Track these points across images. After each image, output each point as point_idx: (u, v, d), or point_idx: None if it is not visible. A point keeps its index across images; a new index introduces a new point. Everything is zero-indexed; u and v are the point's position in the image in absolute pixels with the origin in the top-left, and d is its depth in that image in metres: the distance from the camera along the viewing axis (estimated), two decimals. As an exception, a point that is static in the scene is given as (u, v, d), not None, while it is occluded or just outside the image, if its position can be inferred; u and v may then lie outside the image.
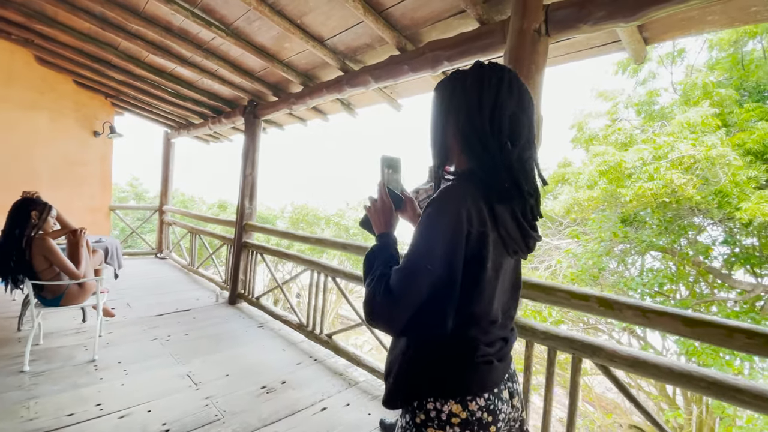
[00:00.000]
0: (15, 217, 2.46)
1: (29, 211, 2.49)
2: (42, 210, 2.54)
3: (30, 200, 2.55)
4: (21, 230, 2.45)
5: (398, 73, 2.45)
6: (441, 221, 0.74)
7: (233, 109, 4.59)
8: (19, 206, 2.50)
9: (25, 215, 2.48)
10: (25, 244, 2.43)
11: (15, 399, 2.13)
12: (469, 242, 0.75)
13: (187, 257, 5.80)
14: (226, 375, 2.56)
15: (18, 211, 2.48)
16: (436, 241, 0.74)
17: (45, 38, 3.91)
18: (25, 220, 2.47)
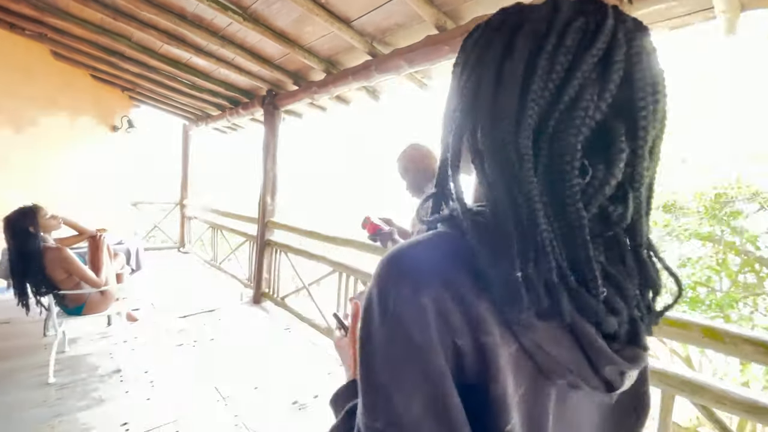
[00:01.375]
0: (15, 238, 2.30)
1: (24, 227, 2.30)
2: (33, 217, 2.35)
3: (14, 218, 2.33)
4: (28, 248, 2.31)
5: (436, 54, 2.17)
6: (391, 332, 0.35)
7: (251, 100, 4.37)
8: (10, 227, 2.30)
9: (23, 231, 2.30)
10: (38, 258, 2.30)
11: (39, 417, 2.03)
12: (461, 368, 0.35)
13: (210, 252, 5.73)
14: (255, 387, 2.42)
15: (12, 232, 2.30)
16: (392, 383, 0.35)
17: (59, 32, 3.75)
18: (25, 236, 2.30)
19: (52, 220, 2.43)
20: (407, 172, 1.82)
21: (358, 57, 2.84)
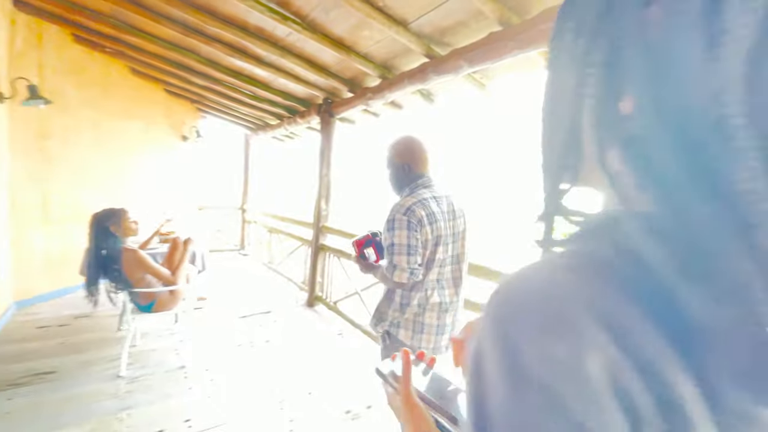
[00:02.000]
0: (96, 235, 2.51)
1: (106, 226, 2.52)
2: (117, 220, 2.56)
3: (101, 215, 2.56)
4: (108, 245, 2.51)
5: (499, 52, 2.04)
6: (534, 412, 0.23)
7: (308, 108, 4.49)
8: (95, 224, 2.53)
9: (105, 231, 2.51)
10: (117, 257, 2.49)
11: (110, 409, 2.17)
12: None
13: (267, 255, 5.96)
14: (308, 393, 2.42)
15: (96, 229, 2.51)
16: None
17: (135, 49, 4.11)
18: (106, 235, 2.51)
19: (132, 225, 2.63)
20: (390, 165, 1.61)
21: (414, 60, 2.78)
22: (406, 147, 1.57)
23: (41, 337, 3.05)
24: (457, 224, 1.52)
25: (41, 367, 2.58)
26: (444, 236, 1.46)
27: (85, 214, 4.32)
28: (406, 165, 1.55)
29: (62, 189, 4.17)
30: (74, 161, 4.28)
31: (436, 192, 1.51)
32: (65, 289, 4.17)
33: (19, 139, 3.68)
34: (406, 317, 1.46)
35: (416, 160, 1.55)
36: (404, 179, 1.56)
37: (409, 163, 1.55)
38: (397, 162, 1.57)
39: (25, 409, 2.13)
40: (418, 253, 1.38)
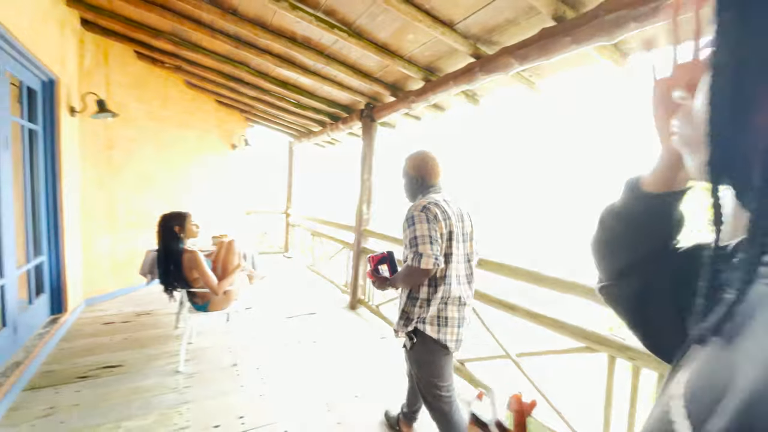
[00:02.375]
0: (163, 235, 2.69)
1: (171, 226, 2.70)
2: (182, 222, 2.73)
3: (168, 216, 2.75)
4: (171, 245, 2.68)
5: (554, 48, 1.96)
6: None
7: (350, 114, 4.56)
8: (162, 224, 2.71)
9: (170, 231, 2.69)
10: (177, 257, 2.64)
11: (170, 403, 2.29)
12: None
13: (310, 258, 6.09)
14: (355, 396, 2.43)
15: (162, 228, 2.70)
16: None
17: (191, 63, 4.38)
18: (170, 235, 2.69)
19: (194, 227, 2.80)
20: (405, 176, 1.82)
21: (459, 61, 2.75)
22: (421, 161, 1.77)
23: (108, 333, 3.28)
24: (465, 225, 1.69)
25: (109, 361, 2.78)
26: (456, 233, 1.61)
27: (146, 218, 4.66)
28: (419, 177, 1.75)
29: (126, 196, 4.51)
30: (136, 169, 4.62)
31: (447, 197, 1.70)
32: (128, 288, 4.49)
33: (88, 149, 4.02)
34: (431, 314, 1.59)
35: (429, 172, 1.75)
36: (417, 189, 1.76)
37: (422, 176, 1.75)
38: (412, 174, 1.77)
39: (96, 399, 2.29)
40: (438, 243, 1.53)
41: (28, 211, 2.96)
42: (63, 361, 2.75)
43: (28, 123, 2.91)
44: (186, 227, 2.71)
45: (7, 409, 2.15)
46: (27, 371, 2.47)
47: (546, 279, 1.99)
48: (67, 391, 2.37)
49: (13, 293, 2.58)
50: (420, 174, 1.75)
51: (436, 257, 1.50)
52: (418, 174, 1.76)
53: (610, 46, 2.03)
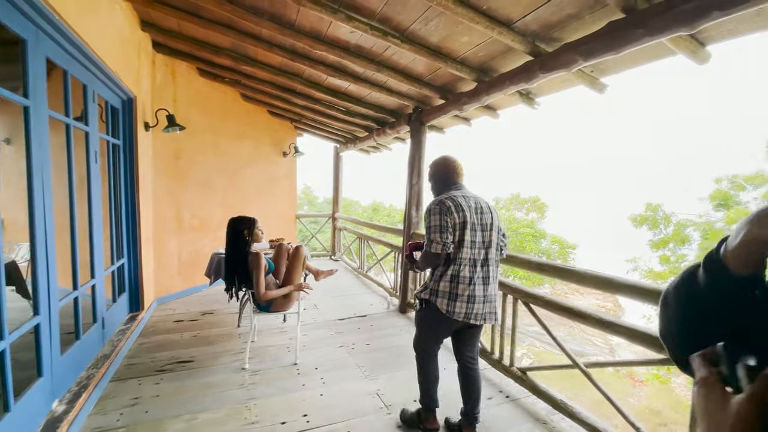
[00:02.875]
0: (231, 236, 2.87)
1: (241, 230, 2.86)
2: (250, 226, 2.89)
3: (238, 220, 2.92)
4: (239, 247, 2.84)
5: (624, 41, 1.86)
6: None
7: (397, 119, 4.60)
8: (232, 226, 2.89)
9: (239, 234, 2.86)
10: (243, 259, 2.80)
11: (239, 398, 2.41)
12: None
13: (357, 261, 6.19)
14: (414, 400, 2.42)
15: (233, 230, 2.87)
16: None
17: (248, 77, 4.63)
18: (239, 238, 2.85)
19: (259, 232, 2.95)
20: (431, 179, 2.15)
21: (515, 60, 2.68)
22: (443, 164, 2.10)
23: (178, 330, 3.53)
24: (485, 218, 1.96)
25: (182, 356, 2.99)
26: (471, 223, 1.89)
27: (207, 223, 4.97)
28: (442, 178, 2.08)
29: (191, 202, 4.84)
30: (199, 178, 4.95)
31: (466, 193, 1.99)
32: (191, 289, 4.81)
33: (159, 160, 4.37)
34: (442, 288, 1.89)
35: (449, 173, 2.07)
36: (441, 188, 2.07)
37: (444, 177, 2.07)
38: (437, 176, 2.10)
39: (174, 391, 2.48)
40: (448, 231, 1.85)
41: (112, 217, 3.27)
42: (142, 355, 3.00)
43: (112, 138, 3.21)
44: (253, 232, 2.87)
45: (99, 398, 2.38)
46: (113, 364, 2.72)
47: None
48: (149, 382, 2.58)
49: (101, 292, 2.86)
50: (442, 175, 2.08)
51: (444, 243, 1.83)
52: (440, 176, 2.08)
53: (687, 36, 1.89)
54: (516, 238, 13.94)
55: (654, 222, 9.00)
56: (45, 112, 2.00)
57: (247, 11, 2.85)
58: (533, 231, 14.32)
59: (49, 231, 2.02)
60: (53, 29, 2.00)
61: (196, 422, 2.16)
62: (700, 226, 8.42)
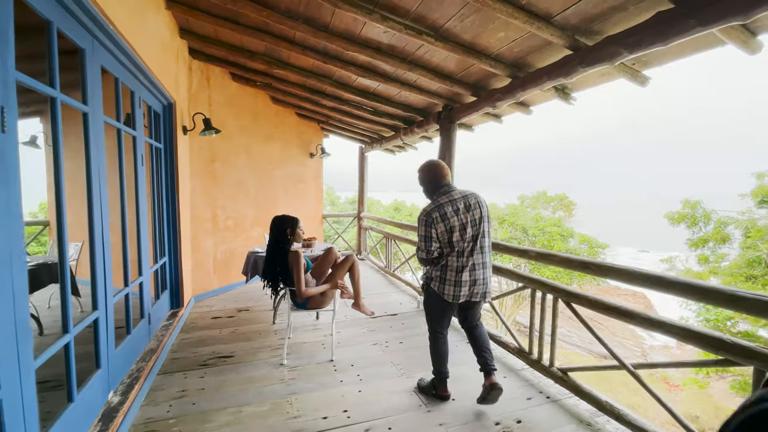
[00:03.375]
0: (275, 234, 2.94)
1: (284, 228, 2.93)
2: (293, 226, 2.96)
3: (282, 218, 2.99)
4: (281, 245, 2.91)
5: (674, 32, 1.80)
6: None
7: (425, 117, 4.59)
8: (277, 224, 2.97)
9: (282, 232, 2.93)
10: (284, 256, 2.87)
11: (280, 393, 2.47)
12: None
13: (384, 260, 6.22)
14: (452, 399, 2.42)
15: (277, 228, 2.95)
16: None
17: (279, 80, 4.73)
18: (283, 235, 2.92)
19: (300, 232, 3.03)
20: (421, 183, 2.40)
21: (553, 54, 2.64)
22: (429, 169, 2.35)
23: (217, 326, 3.65)
24: (474, 213, 2.21)
25: (222, 351, 3.09)
26: (460, 224, 2.18)
27: (241, 222, 5.10)
28: (432, 181, 2.32)
29: (225, 203, 4.99)
30: (232, 179, 5.09)
31: (453, 196, 2.23)
32: (226, 287, 4.96)
33: (196, 162, 4.53)
34: (435, 275, 2.27)
35: (438, 177, 2.32)
36: (432, 191, 2.34)
37: (433, 180, 2.32)
38: (426, 180, 2.35)
39: (217, 385, 2.56)
40: (432, 240, 2.19)
41: (155, 217, 3.41)
42: (185, 349, 3.12)
43: (154, 142, 3.35)
44: (296, 231, 2.96)
45: (149, 390, 2.49)
46: (160, 358, 2.84)
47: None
48: (193, 376, 2.68)
49: (148, 289, 2.99)
50: (431, 179, 2.33)
51: (428, 250, 2.20)
52: (430, 179, 2.33)
53: (738, 26, 1.81)
54: (543, 237, 13.63)
55: (693, 220, 8.61)
56: (101, 118, 2.11)
57: (283, 15, 2.92)
58: (561, 230, 13.95)
59: (105, 230, 2.13)
60: (107, 39, 2.11)
61: (241, 415, 2.23)
62: (742, 224, 8.00)
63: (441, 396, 2.40)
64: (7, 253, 1.29)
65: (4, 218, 1.27)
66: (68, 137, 1.77)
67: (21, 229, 1.37)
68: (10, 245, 1.30)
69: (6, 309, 1.29)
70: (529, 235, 14.13)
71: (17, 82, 1.35)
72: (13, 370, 1.33)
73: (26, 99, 3.48)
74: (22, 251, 1.38)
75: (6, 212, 1.28)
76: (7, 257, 1.29)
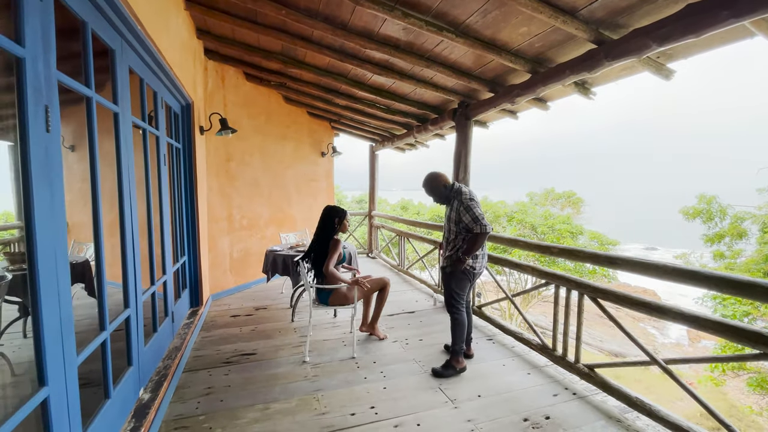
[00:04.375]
0: (324, 221, 3.13)
1: (333, 217, 3.13)
2: (341, 217, 3.15)
3: (333, 209, 3.18)
4: (327, 232, 3.09)
5: (706, 24, 1.78)
6: None
7: (440, 115, 4.58)
8: (327, 212, 3.17)
9: (331, 220, 3.13)
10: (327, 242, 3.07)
11: (306, 389, 2.49)
12: None
13: (396, 259, 6.22)
14: (478, 395, 2.42)
15: (327, 216, 3.15)
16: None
17: (294, 79, 4.74)
18: (331, 223, 3.11)
19: (346, 224, 3.19)
20: (434, 190, 2.79)
21: (575, 49, 2.61)
22: (438, 177, 2.80)
23: (237, 324, 3.68)
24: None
25: (244, 349, 3.11)
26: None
27: (255, 221, 5.13)
28: (443, 186, 2.77)
29: (240, 202, 5.02)
30: (247, 178, 5.12)
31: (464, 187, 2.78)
32: (242, 285, 4.99)
33: (212, 162, 4.56)
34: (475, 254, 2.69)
35: (446, 180, 2.79)
36: (447, 193, 2.76)
37: (445, 184, 2.77)
38: (439, 187, 2.77)
39: (243, 382, 2.58)
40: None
41: (176, 216, 3.44)
42: (207, 347, 3.15)
43: (174, 142, 3.38)
44: (342, 222, 3.13)
45: (176, 387, 2.52)
46: (184, 355, 2.87)
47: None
48: (218, 373, 2.70)
49: (170, 288, 3.02)
50: (442, 184, 2.77)
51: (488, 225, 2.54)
52: (441, 184, 2.77)
53: (770, 16, 1.79)
54: (552, 235, 13.54)
55: (709, 215, 8.50)
56: (129, 118, 2.13)
57: (302, 14, 2.92)
58: (570, 227, 13.84)
59: (135, 229, 2.15)
60: (135, 39, 2.13)
61: (269, 411, 2.24)
62: (759, 219, 7.88)
63: (461, 369, 2.71)
64: (52, 252, 1.31)
65: (49, 217, 1.29)
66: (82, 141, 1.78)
67: (64, 227, 1.39)
68: (54, 244, 1.32)
69: (52, 306, 1.31)
70: (538, 232, 14.04)
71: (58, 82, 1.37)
72: (58, 366, 1.35)
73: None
74: (66, 249, 1.40)
75: (50, 211, 1.30)
76: (53, 255, 1.31)
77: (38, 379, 1.27)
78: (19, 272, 2.72)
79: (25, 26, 1.19)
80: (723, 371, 8.89)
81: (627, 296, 2.11)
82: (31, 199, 1.21)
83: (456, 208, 2.65)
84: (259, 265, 4.98)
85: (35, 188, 1.22)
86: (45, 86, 1.28)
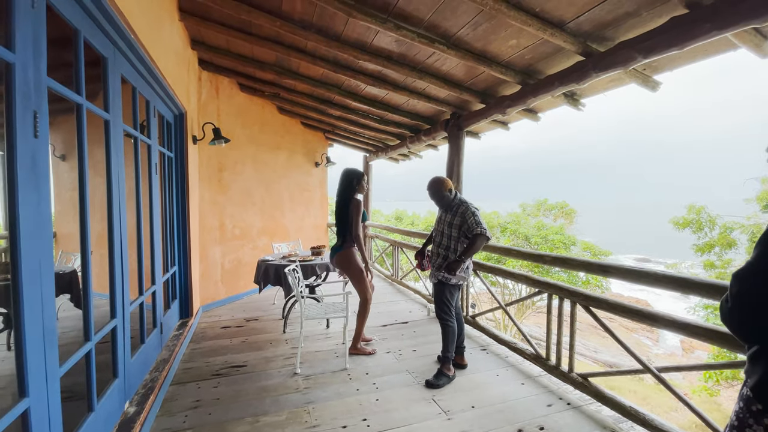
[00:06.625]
0: (344, 182, 3.22)
1: (352, 179, 3.21)
2: (359, 178, 3.22)
3: (351, 171, 3.27)
4: (347, 193, 3.19)
5: (690, 36, 1.83)
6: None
7: (432, 125, 4.63)
8: (347, 174, 3.25)
9: (350, 182, 3.20)
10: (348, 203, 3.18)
11: (297, 402, 2.44)
12: None
13: (390, 269, 6.19)
14: (471, 406, 2.39)
15: (346, 178, 3.22)
16: None
17: (287, 90, 4.77)
18: (350, 185, 3.20)
19: (365, 185, 3.26)
20: (440, 195, 2.82)
21: (563, 61, 2.67)
22: (443, 182, 2.83)
23: (227, 336, 3.62)
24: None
25: (234, 361, 3.05)
26: None
27: (247, 231, 5.09)
28: (448, 191, 2.82)
29: (233, 211, 4.99)
30: (240, 188, 5.10)
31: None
32: (234, 296, 4.92)
33: (205, 171, 4.54)
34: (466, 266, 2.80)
35: (450, 186, 2.83)
36: (451, 199, 2.81)
37: (450, 189, 2.83)
38: (445, 192, 2.81)
39: (233, 395, 2.53)
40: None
41: (167, 225, 3.40)
42: (197, 359, 3.08)
43: (167, 151, 3.37)
44: (361, 183, 3.22)
45: (164, 400, 2.45)
46: (172, 368, 2.81)
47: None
48: (207, 386, 2.64)
49: (160, 298, 2.97)
50: (447, 189, 2.81)
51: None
52: (447, 190, 2.81)
53: (751, 29, 1.85)
54: (545, 245, 13.61)
55: (698, 225, 8.61)
56: (120, 126, 2.12)
57: (296, 25, 2.96)
58: (563, 237, 13.94)
59: (124, 238, 2.13)
60: (128, 48, 2.14)
61: (259, 425, 2.19)
62: (748, 229, 8.00)
63: (452, 377, 2.75)
64: (36, 260, 1.28)
65: (35, 224, 1.27)
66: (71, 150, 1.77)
67: (50, 235, 1.36)
68: (39, 252, 1.30)
69: (35, 315, 1.28)
70: (532, 242, 14.11)
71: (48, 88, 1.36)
72: (40, 376, 1.31)
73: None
74: (51, 258, 1.37)
75: (36, 218, 1.28)
76: (37, 263, 1.29)
77: (19, 390, 1.23)
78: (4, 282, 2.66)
79: (16, 32, 1.19)
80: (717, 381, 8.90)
81: (619, 304, 2.12)
82: (16, 205, 1.19)
83: (461, 213, 2.72)
84: (251, 275, 4.92)
85: (21, 194, 1.20)
86: (34, 92, 1.27)
